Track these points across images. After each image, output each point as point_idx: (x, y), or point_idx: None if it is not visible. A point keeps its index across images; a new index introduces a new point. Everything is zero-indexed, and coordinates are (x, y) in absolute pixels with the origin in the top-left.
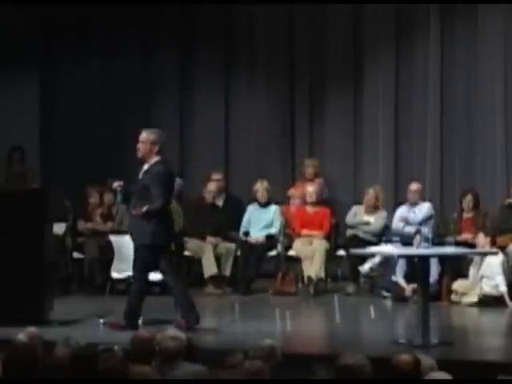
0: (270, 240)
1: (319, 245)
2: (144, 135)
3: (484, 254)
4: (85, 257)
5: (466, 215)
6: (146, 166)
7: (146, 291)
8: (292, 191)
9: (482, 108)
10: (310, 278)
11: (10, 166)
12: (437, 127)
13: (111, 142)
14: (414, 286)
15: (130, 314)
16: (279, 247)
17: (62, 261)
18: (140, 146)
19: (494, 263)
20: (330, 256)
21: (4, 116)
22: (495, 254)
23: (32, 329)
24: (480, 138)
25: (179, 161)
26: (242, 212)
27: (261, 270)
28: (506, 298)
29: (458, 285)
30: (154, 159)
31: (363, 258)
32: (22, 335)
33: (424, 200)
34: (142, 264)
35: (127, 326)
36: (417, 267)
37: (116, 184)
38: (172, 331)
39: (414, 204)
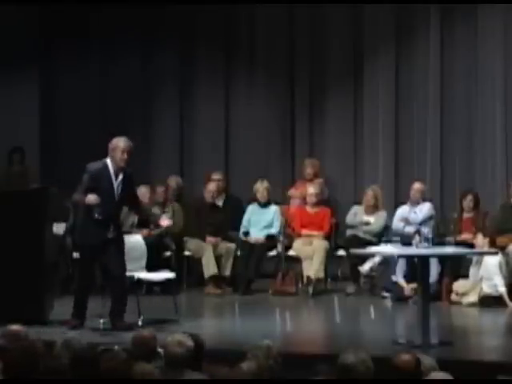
0: (270, 240)
1: (319, 245)
2: (129, 144)
3: (483, 254)
4: None
5: (466, 215)
6: (121, 175)
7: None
8: (292, 191)
9: (482, 108)
10: (309, 277)
11: (10, 167)
12: (437, 127)
13: None
14: (414, 285)
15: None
16: (279, 247)
17: (61, 261)
18: (128, 157)
19: (491, 264)
20: (330, 256)
21: (4, 116)
22: (495, 254)
23: (15, 327)
24: (480, 137)
25: (179, 161)
26: (241, 212)
27: (261, 269)
28: (506, 298)
29: (459, 285)
30: None
31: (363, 258)
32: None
33: (424, 200)
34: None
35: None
36: (417, 267)
37: (95, 199)
38: (181, 336)
39: (415, 203)
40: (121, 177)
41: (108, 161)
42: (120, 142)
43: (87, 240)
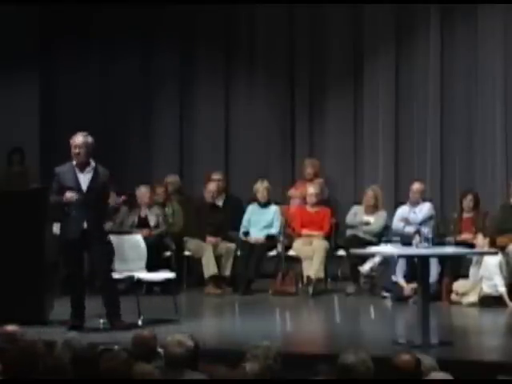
0: (270, 240)
1: (319, 245)
2: (81, 139)
3: (483, 254)
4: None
5: (466, 215)
6: (89, 170)
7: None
8: (292, 191)
9: (482, 108)
10: (309, 277)
11: (9, 167)
12: (437, 127)
13: (111, 142)
14: (414, 285)
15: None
16: (279, 247)
17: (62, 261)
18: (80, 150)
19: (491, 264)
20: (330, 256)
21: (4, 116)
22: (495, 254)
23: (10, 327)
24: (480, 137)
25: (179, 161)
26: (241, 212)
27: (261, 269)
28: (506, 298)
29: (458, 285)
30: (92, 162)
31: (363, 258)
32: None
33: (424, 200)
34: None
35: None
36: (417, 267)
37: (72, 196)
38: (181, 336)
39: (415, 204)
40: (88, 172)
41: (74, 161)
42: (72, 139)
43: (66, 235)
